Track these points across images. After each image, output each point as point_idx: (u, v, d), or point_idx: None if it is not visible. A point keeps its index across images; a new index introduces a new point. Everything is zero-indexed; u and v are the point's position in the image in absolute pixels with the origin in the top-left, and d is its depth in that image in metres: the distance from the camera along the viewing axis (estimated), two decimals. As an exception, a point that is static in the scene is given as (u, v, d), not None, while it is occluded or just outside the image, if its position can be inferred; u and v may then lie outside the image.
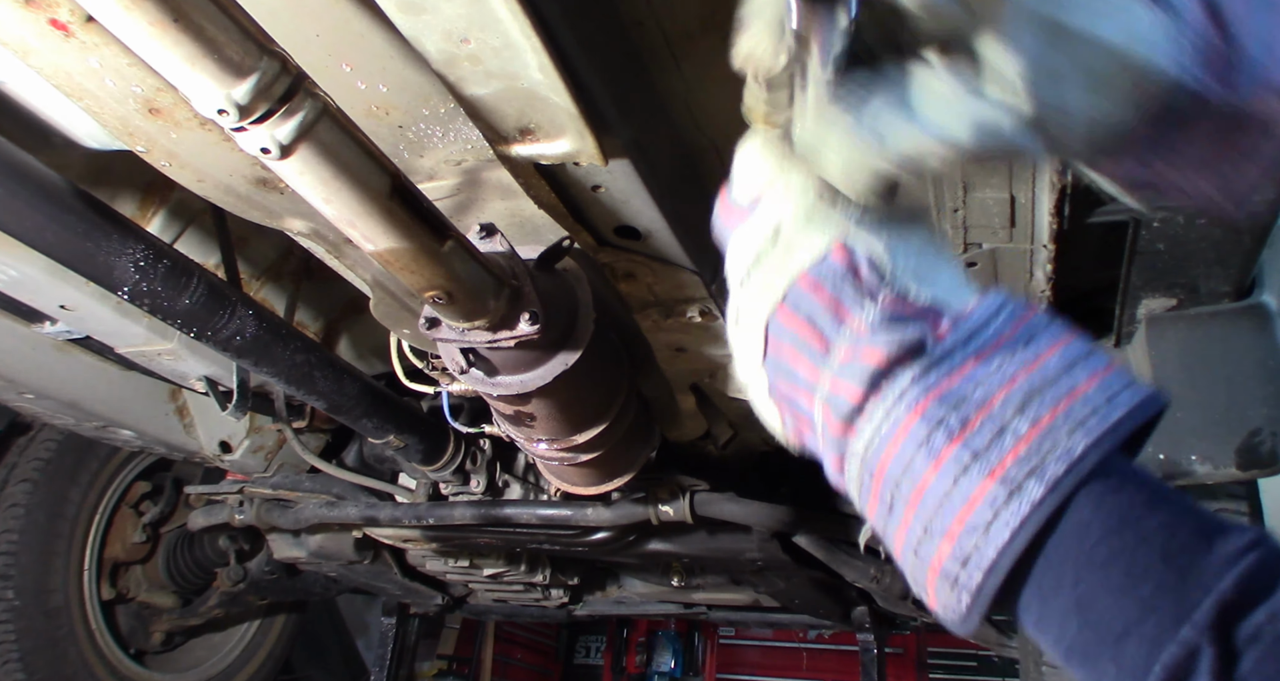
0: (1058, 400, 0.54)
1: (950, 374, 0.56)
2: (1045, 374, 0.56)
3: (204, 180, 1.32)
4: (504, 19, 0.88)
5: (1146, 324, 1.70)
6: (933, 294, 0.60)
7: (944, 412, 0.55)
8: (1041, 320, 0.60)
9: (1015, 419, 0.54)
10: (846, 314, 0.60)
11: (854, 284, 0.60)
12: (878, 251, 0.61)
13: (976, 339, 0.57)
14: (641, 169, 1.15)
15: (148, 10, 0.72)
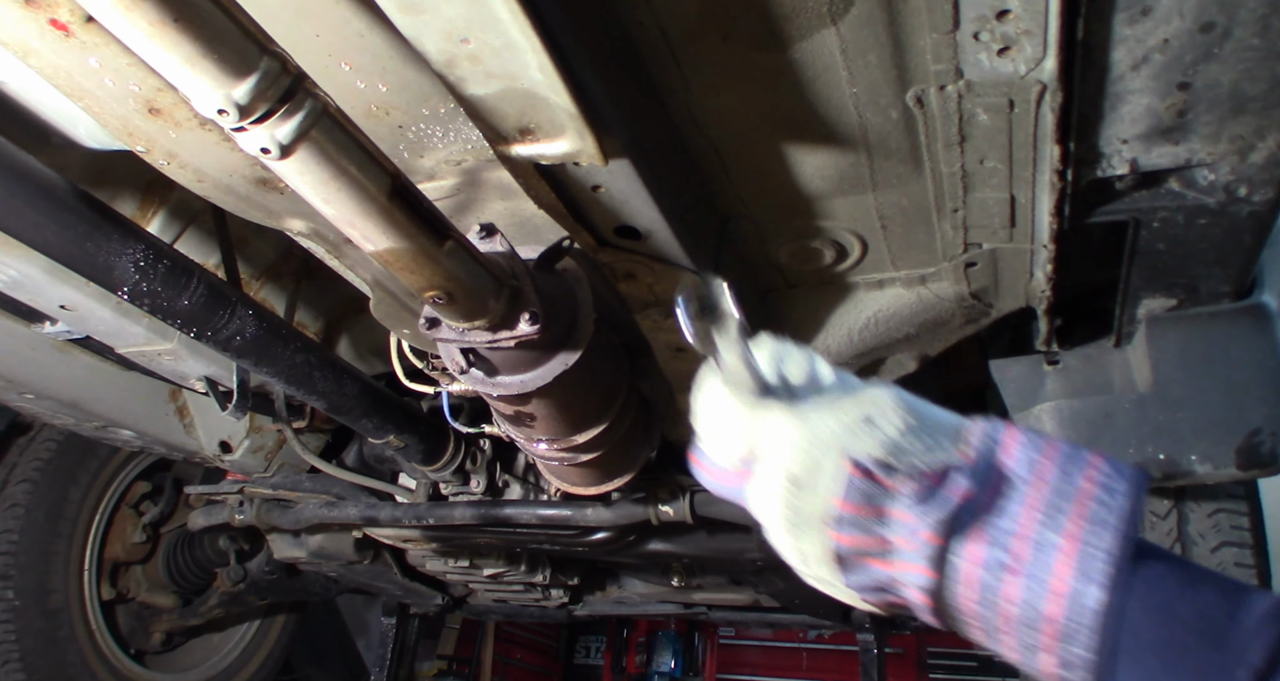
0: (1072, 505, 0.65)
1: (983, 516, 0.67)
2: (1053, 487, 0.66)
3: (204, 180, 1.32)
4: (504, 19, 0.88)
5: (1146, 324, 1.70)
6: (934, 456, 0.70)
7: (993, 552, 0.66)
8: (1022, 438, 0.70)
9: (1049, 535, 0.65)
10: (888, 512, 0.70)
11: (879, 487, 0.70)
12: (880, 452, 0.70)
13: (986, 480, 0.68)
14: (641, 169, 1.15)
15: (147, 10, 0.72)
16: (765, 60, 1.10)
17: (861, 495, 0.69)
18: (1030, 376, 1.88)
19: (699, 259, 1.38)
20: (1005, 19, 1.00)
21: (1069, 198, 1.30)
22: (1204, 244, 1.42)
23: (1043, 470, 0.68)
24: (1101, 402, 1.81)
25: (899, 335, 1.74)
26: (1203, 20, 0.99)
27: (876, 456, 0.70)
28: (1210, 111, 1.12)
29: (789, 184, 1.36)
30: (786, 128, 1.24)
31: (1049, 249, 1.46)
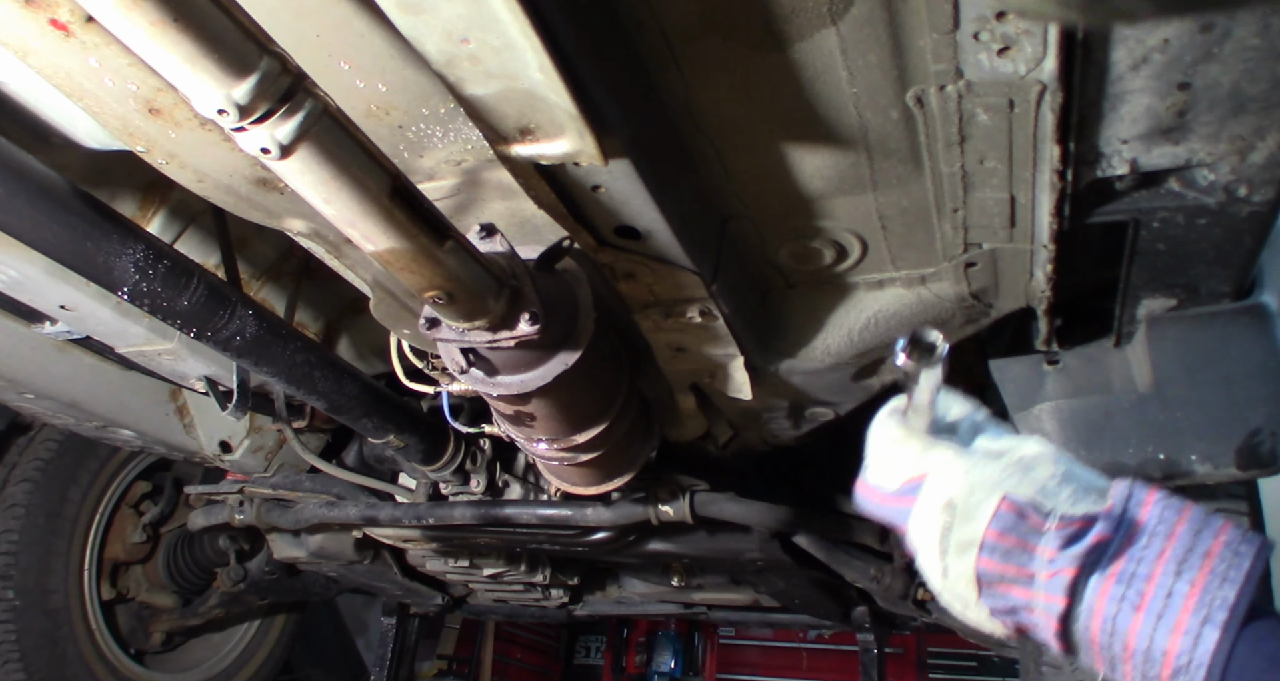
0: (1201, 561, 0.75)
1: (1117, 560, 0.77)
2: (1184, 543, 0.76)
3: (204, 180, 1.32)
4: (504, 19, 0.88)
5: (1146, 324, 1.70)
6: (1080, 504, 0.81)
7: (1124, 590, 0.76)
8: (1160, 499, 0.80)
9: (1177, 583, 0.75)
10: (1033, 547, 0.80)
11: (1028, 524, 0.81)
12: (1033, 496, 0.81)
13: (1122, 529, 0.78)
14: (641, 169, 1.15)
15: (148, 10, 0.72)
16: (765, 60, 1.10)
17: (1012, 528, 0.80)
18: (1030, 376, 1.88)
19: (699, 259, 1.39)
20: (1005, 19, 1.00)
21: (1069, 198, 1.30)
22: (1204, 244, 1.42)
23: (1177, 528, 0.78)
24: (1101, 402, 1.81)
25: (899, 335, 1.74)
26: (1203, 20, 0.99)
27: (1029, 498, 0.81)
28: (1210, 111, 1.12)
29: (789, 184, 1.36)
30: (786, 128, 1.24)
31: (1049, 249, 1.46)
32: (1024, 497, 0.81)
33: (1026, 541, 0.81)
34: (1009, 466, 0.84)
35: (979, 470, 0.84)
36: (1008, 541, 0.81)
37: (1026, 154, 1.24)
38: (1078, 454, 1.82)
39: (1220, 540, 0.76)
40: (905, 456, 0.90)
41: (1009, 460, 0.84)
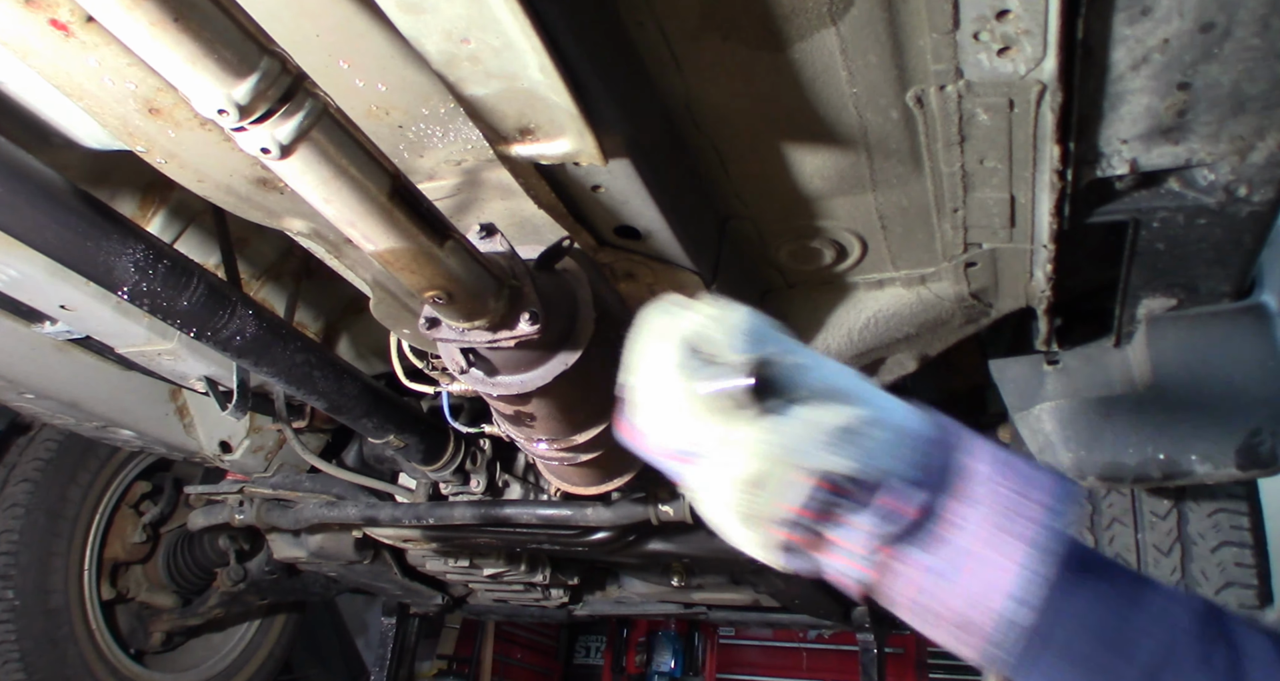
0: (1018, 527, 0.71)
1: (931, 525, 0.72)
2: (1002, 506, 0.72)
3: (204, 180, 1.32)
4: (504, 19, 0.88)
5: (1146, 324, 1.70)
6: (897, 475, 0.73)
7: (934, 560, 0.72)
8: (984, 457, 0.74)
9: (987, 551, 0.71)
10: (845, 520, 0.73)
11: (838, 497, 0.73)
12: (844, 467, 0.72)
13: (941, 490, 0.73)
14: (641, 169, 1.15)
15: (148, 10, 0.72)
16: (765, 60, 1.10)
17: (819, 504, 0.72)
18: (1030, 376, 1.88)
19: (699, 259, 1.38)
20: (1005, 19, 1.00)
21: (1069, 198, 1.30)
22: (1204, 244, 1.42)
23: (996, 490, 0.73)
24: (1101, 402, 1.81)
25: (899, 335, 1.74)
26: (1203, 20, 0.99)
27: (840, 471, 0.72)
28: (1210, 111, 1.12)
29: (789, 184, 1.36)
30: (786, 128, 1.24)
31: (1049, 249, 1.46)
32: (834, 469, 0.72)
33: (836, 514, 0.73)
34: (818, 433, 0.73)
35: (784, 437, 0.72)
36: (815, 516, 0.73)
37: (1026, 154, 1.24)
38: (1077, 454, 1.82)
39: (1036, 500, 0.72)
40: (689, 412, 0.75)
41: (818, 425, 0.73)
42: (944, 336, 1.83)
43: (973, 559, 0.71)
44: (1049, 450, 1.87)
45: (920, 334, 1.77)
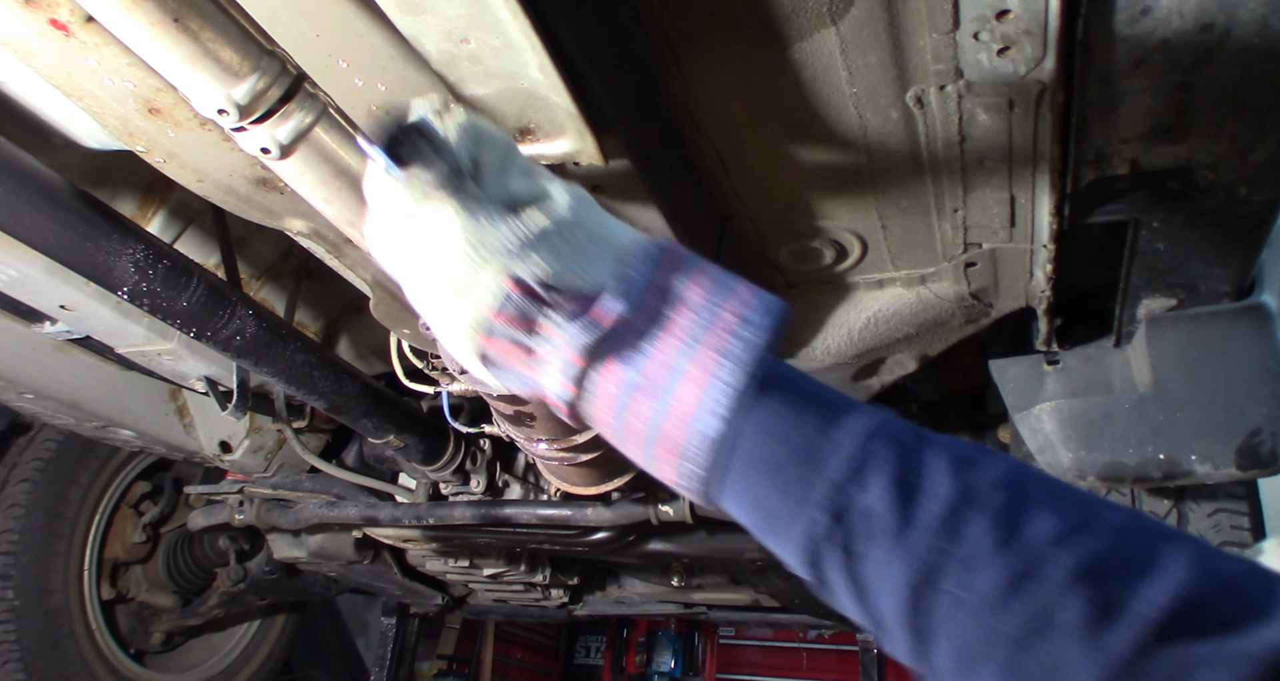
0: (711, 338, 0.69)
1: (628, 339, 0.70)
2: (697, 317, 0.70)
3: (204, 180, 1.32)
4: (504, 19, 0.88)
5: (1146, 324, 1.70)
6: (595, 277, 0.71)
7: (630, 373, 0.70)
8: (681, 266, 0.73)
9: (682, 363, 0.69)
10: (540, 327, 0.71)
11: (536, 303, 0.71)
12: (542, 269, 0.71)
13: (639, 303, 0.71)
14: (641, 169, 1.15)
15: (148, 10, 0.72)
16: (765, 60, 1.10)
17: (517, 309, 0.71)
18: (1030, 376, 1.88)
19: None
20: (1005, 19, 1.00)
21: (1069, 198, 1.30)
22: (1204, 244, 1.42)
23: (692, 300, 0.71)
24: (1101, 402, 1.81)
25: (899, 335, 1.74)
26: (1203, 20, 0.99)
27: (538, 274, 0.70)
28: (1210, 111, 1.12)
29: (789, 184, 1.36)
30: (786, 128, 1.24)
31: (1049, 249, 1.46)
32: (531, 272, 0.70)
33: (534, 321, 0.71)
34: (513, 231, 0.71)
35: (483, 237, 0.70)
36: (513, 323, 0.71)
37: (1026, 154, 1.24)
38: (1077, 454, 1.82)
39: (731, 311, 0.70)
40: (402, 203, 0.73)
41: (513, 223, 0.71)
42: (944, 336, 1.83)
43: (667, 371, 0.69)
44: (1049, 450, 1.87)
45: (920, 334, 1.77)
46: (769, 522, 0.70)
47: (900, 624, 0.63)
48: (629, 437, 0.73)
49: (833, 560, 0.66)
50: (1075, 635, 0.57)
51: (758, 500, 0.69)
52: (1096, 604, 0.57)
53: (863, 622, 0.68)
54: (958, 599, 0.60)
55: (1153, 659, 0.54)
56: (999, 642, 0.59)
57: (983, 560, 0.60)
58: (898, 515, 0.63)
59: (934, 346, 1.87)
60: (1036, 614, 0.58)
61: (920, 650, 0.63)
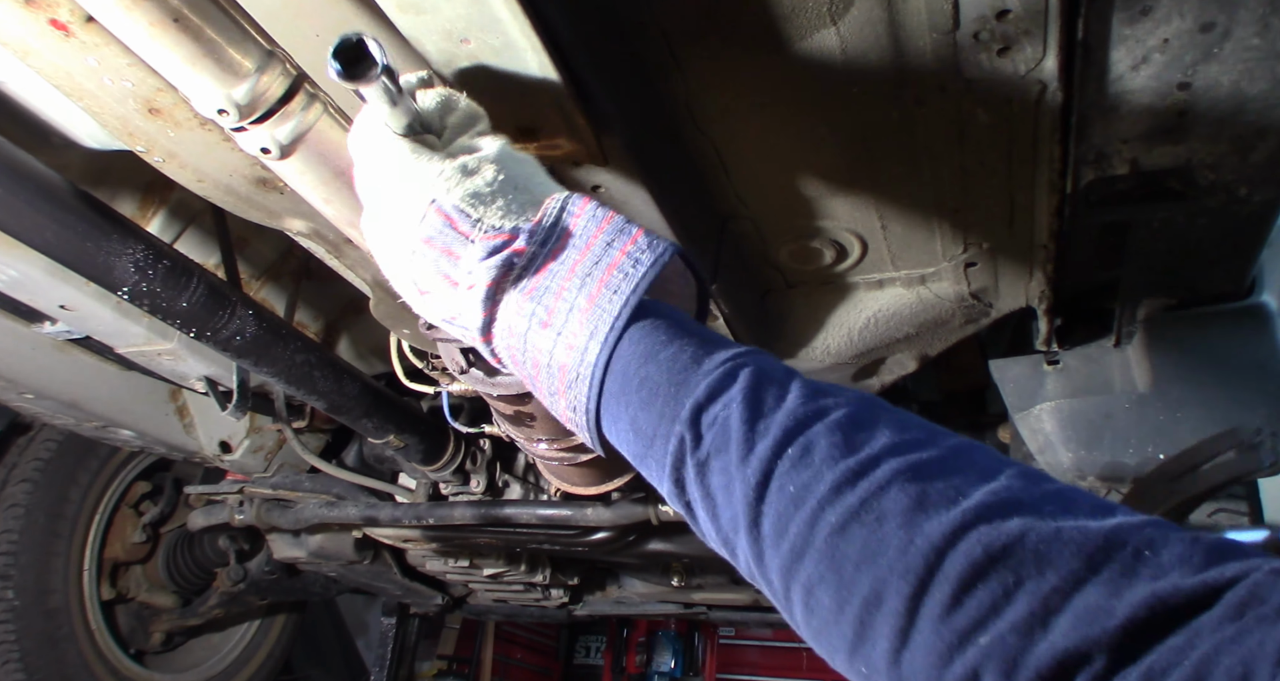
0: (601, 274, 0.75)
1: (535, 275, 0.76)
2: (594, 255, 0.76)
3: (204, 180, 1.32)
4: (504, 19, 0.88)
5: (1146, 324, 1.70)
6: (511, 219, 0.79)
7: (534, 306, 0.76)
8: (590, 211, 0.79)
9: (578, 296, 0.75)
10: (457, 255, 0.78)
11: (455, 232, 0.78)
12: (463, 202, 0.78)
13: (549, 241, 0.77)
14: (641, 169, 1.15)
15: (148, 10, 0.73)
16: (765, 60, 1.10)
17: (441, 237, 0.78)
18: (1030, 376, 1.88)
19: (699, 259, 1.39)
20: (1005, 19, 1.00)
21: (1069, 198, 1.30)
22: (1204, 244, 1.42)
23: (593, 240, 0.77)
24: (1101, 402, 1.81)
25: (899, 335, 1.74)
26: (1203, 20, 0.99)
27: (458, 204, 0.78)
28: (1210, 111, 1.12)
29: (789, 184, 1.36)
30: (786, 128, 1.24)
31: (1049, 249, 1.46)
32: (453, 203, 0.78)
33: (453, 250, 0.78)
34: (447, 169, 0.79)
35: (416, 169, 0.79)
36: (435, 248, 0.79)
37: (1026, 154, 1.24)
38: (1077, 454, 1.82)
39: (623, 250, 0.76)
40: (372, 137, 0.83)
41: (450, 163, 0.79)
42: (944, 336, 1.83)
43: (564, 304, 0.75)
44: (1049, 450, 1.87)
45: (920, 334, 1.77)
46: (646, 448, 0.74)
47: (743, 527, 0.67)
48: (534, 372, 0.78)
49: (691, 474, 0.70)
50: (895, 521, 0.59)
51: (636, 425, 0.74)
52: (917, 496, 0.60)
53: (718, 545, 0.73)
54: (795, 496, 0.64)
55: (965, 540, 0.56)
56: (823, 531, 0.61)
57: (822, 463, 0.64)
58: (749, 425, 0.67)
59: (934, 346, 1.87)
60: (860, 504, 0.61)
61: (758, 553, 0.66)
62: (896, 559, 0.58)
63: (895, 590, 0.57)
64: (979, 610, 0.54)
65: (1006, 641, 0.52)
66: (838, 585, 0.60)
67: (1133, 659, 0.50)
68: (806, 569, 0.62)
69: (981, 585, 0.55)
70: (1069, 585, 0.53)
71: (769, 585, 0.67)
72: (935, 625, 0.55)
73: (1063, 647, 0.51)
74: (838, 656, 0.62)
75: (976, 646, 0.53)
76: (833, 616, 0.61)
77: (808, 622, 0.64)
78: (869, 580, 0.59)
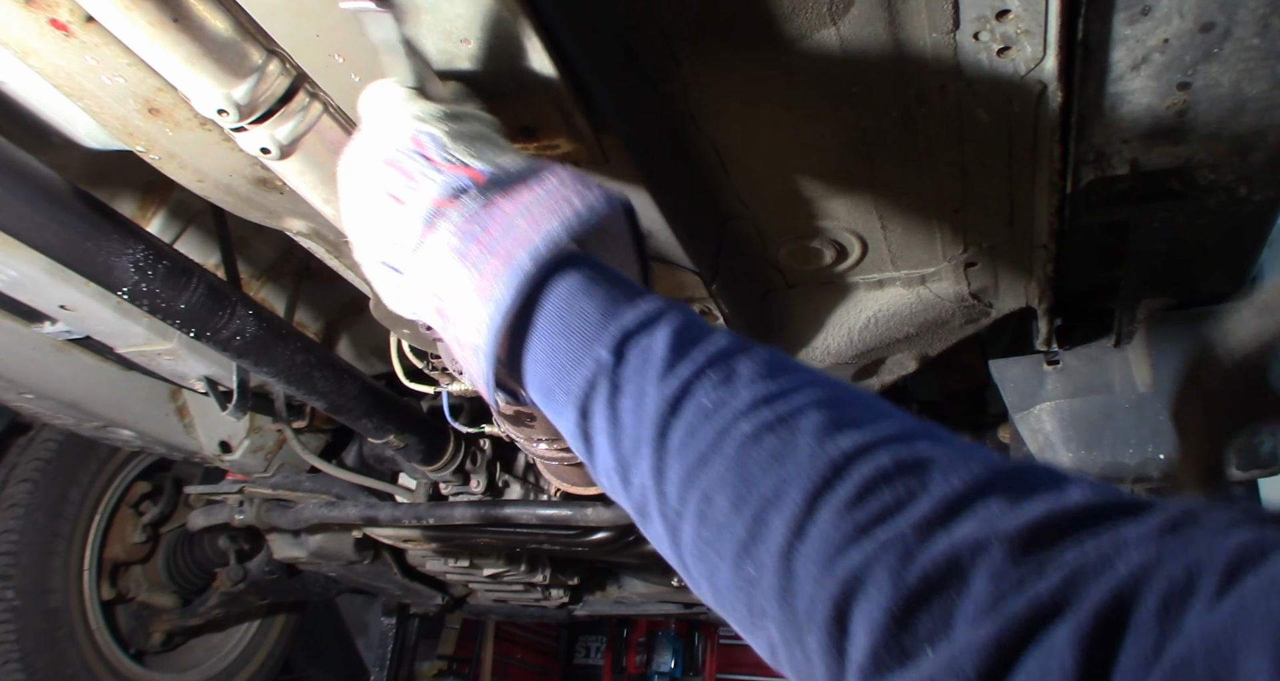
0: (548, 203, 0.74)
1: (485, 205, 0.75)
2: (545, 191, 0.75)
3: (204, 180, 1.32)
4: (504, 19, 0.88)
5: (1146, 324, 1.70)
6: (484, 163, 0.79)
7: (473, 227, 0.74)
8: (555, 168, 0.78)
9: (518, 219, 0.73)
10: (415, 179, 0.78)
11: (419, 154, 0.78)
12: (440, 131, 0.79)
13: (507, 184, 0.77)
14: (641, 169, 1.15)
15: (148, 10, 0.73)
16: (765, 60, 1.10)
17: (404, 158, 0.78)
18: (1030, 376, 1.88)
19: (699, 259, 1.38)
20: (1005, 19, 1.00)
21: (1069, 198, 1.30)
22: (1204, 244, 1.42)
23: (547, 182, 0.77)
24: (1101, 402, 1.81)
25: (899, 335, 1.74)
26: (1203, 20, 0.99)
27: (435, 133, 0.79)
28: (1210, 111, 1.12)
29: (789, 184, 1.36)
30: (786, 128, 1.24)
31: (1049, 249, 1.46)
32: (428, 131, 0.79)
33: (411, 173, 0.78)
34: (436, 107, 0.82)
35: (407, 103, 0.82)
36: (394, 168, 0.79)
37: (1026, 154, 1.24)
38: (1077, 454, 1.82)
39: (577, 191, 0.76)
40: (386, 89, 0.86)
41: (439, 105, 0.82)
42: (944, 336, 1.83)
43: (499, 223, 0.74)
44: (1049, 450, 1.87)
45: (920, 334, 1.77)
46: (558, 377, 0.72)
47: (648, 440, 0.65)
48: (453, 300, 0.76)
49: (602, 397, 0.69)
50: (809, 435, 0.59)
51: (554, 353, 0.72)
52: (834, 418, 0.60)
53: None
54: (710, 410, 0.63)
55: (877, 451, 0.57)
56: (734, 439, 0.61)
57: (744, 386, 0.64)
58: (674, 352, 0.67)
59: (934, 346, 1.87)
60: (776, 419, 0.61)
61: (658, 466, 0.65)
62: (805, 462, 0.58)
63: (798, 487, 0.57)
64: (881, 507, 0.54)
65: (905, 536, 0.52)
66: (738, 486, 0.59)
67: (1039, 547, 0.48)
68: (710, 474, 0.61)
69: (887, 487, 0.54)
70: (976, 493, 0.52)
71: (661, 500, 0.65)
72: (835, 518, 0.55)
73: (961, 539, 0.49)
74: (722, 567, 0.60)
75: (874, 538, 0.52)
76: (727, 519, 0.60)
77: (698, 534, 0.62)
78: (773, 481, 0.58)
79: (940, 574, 0.49)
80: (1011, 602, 0.46)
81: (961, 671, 0.45)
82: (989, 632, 0.45)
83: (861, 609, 0.51)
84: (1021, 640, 0.44)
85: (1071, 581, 0.45)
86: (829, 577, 0.53)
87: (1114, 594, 0.44)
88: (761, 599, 0.57)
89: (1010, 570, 0.47)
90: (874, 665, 0.49)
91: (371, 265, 0.85)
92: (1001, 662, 0.44)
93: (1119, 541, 0.47)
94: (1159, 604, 0.42)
